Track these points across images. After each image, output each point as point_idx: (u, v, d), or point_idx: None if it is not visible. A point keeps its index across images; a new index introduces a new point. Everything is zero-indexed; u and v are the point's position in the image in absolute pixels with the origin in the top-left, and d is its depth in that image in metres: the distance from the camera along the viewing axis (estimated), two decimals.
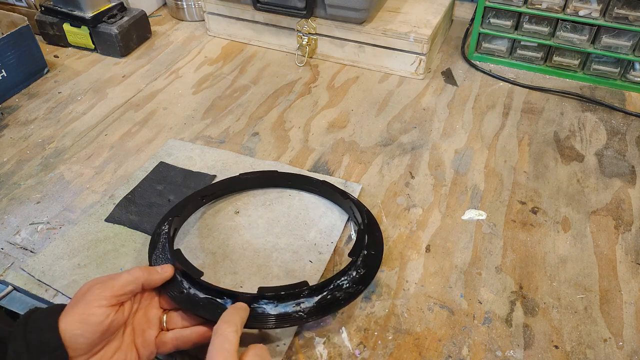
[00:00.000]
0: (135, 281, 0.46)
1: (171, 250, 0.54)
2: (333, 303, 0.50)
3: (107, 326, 0.43)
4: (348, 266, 0.52)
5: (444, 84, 0.89)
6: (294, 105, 0.84)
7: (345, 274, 0.52)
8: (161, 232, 0.57)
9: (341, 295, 0.51)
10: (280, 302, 0.49)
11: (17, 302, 0.58)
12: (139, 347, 0.47)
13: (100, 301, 0.43)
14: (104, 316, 0.43)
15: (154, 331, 0.48)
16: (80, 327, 0.42)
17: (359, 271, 0.53)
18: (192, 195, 0.63)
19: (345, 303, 0.51)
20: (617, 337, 0.51)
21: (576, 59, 0.87)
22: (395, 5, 0.96)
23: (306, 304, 0.49)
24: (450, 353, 0.50)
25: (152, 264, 0.53)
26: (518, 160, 0.73)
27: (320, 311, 0.49)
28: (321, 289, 0.50)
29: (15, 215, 0.65)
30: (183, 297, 0.49)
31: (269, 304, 0.49)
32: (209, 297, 0.49)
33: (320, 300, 0.50)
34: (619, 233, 0.62)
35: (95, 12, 0.94)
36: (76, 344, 0.41)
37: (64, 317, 0.42)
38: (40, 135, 0.78)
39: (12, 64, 0.85)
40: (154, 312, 0.49)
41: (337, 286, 0.51)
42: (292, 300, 0.49)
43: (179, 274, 0.51)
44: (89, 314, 0.42)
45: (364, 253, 0.55)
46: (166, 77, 0.91)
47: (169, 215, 0.60)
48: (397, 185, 0.69)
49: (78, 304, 0.43)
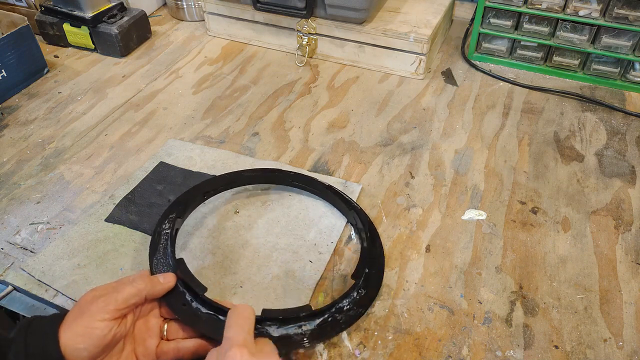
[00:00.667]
0: (139, 294, 0.46)
1: (173, 257, 0.53)
2: (334, 326, 0.50)
3: (110, 339, 0.43)
4: (351, 288, 0.52)
5: (444, 84, 0.89)
6: (294, 105, 0.84)
7: (348, 296, 0.52)
8: (162, 232, 0.57)
9: (342, 318, 0.50)
10: (283, 324, 0.48)
11: (17, 302, 0.58)
12: (139, 356, 0.47)
13: (104, 315, 0.43)
14: (107, 330, 0.42)
15: (155, 340, 0.48)
16: (83, 341, 0.41)
17: (360, 291, 0.53)
18: (192, 190, 0.62)
19: (345, 326, 0.50)
20: (617, 337, 0.51)
21: (576, 59, 0.87)
22: (395, 5, 0.96)
23: (308, 327, 0.49)
24: (450, 353, 0.50)
25: (153, 268, 0.53)
26: (518, 160, 0.73)
27: (322, 334, 0.49)
28: (323, 311, 0.50)
29: (15, 215, 0.65)
30: (185, 310, 0.49)
31: (272, 325, 0.48)
32: (211, 314, 0.48)
33: (321, 323, 0.49)
34: (619, 233, 0.62)
35: (95, 12, 0.94)
36: (79, 357, 0.41)
37: (65, 329, 0.42)
38: (40, 135, 0.78)
39: (12, 64, 0.85)
40: (155, 321, 0.49)
41: (339, 309, 0.51)
42: (295, 323, 0.49)
43: (181, 285, 0.50)
44: (93, 327, 0.42)
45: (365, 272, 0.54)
46: (166, 77, 0.91)
47: (169, 213, 0.59)
48: (397, 185, 0.69)
49: (81, 316, 0.42)
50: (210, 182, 0.64)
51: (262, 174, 0.66)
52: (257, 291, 0.55)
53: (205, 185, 0.63)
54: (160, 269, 0.53)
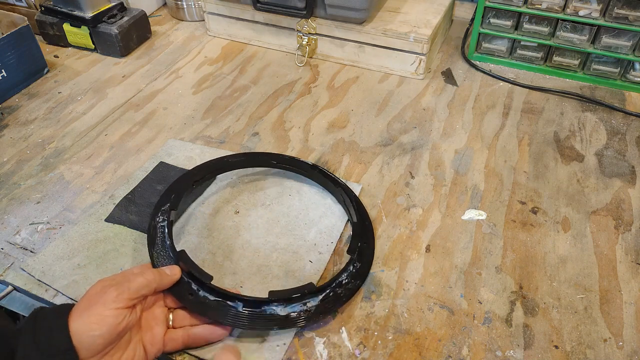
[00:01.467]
0: (149, 285, 0.47)
1: (174, 250, 0.54)
2: (336, 300, 0.52)
3: (123, 327, 0.43)
4: (348, 263, 0.55)
5: (444, 84, 0.89)
6: (294, 105, 0.84)
7: (345, 271, 0.54)
8: (157, 225, 0.57)
9: (342, 291, 0.53)
10: (289, 303, 0.50)
11: (17, 302, 0.58)
12: (147, 345, 0.47)
13: (117, 303, 0.43)
14: (121, 317, 0.43)
15: (162, 329, 0.49)
16: (99, 327, 0.42)
17: (355, 265, 0.55)
18: (180, 180, 0.63)
19: (346, 299, 0.53)
20: (617, 337, 0.51)
21: (576, 59, 0.87)
22: (395, 5, 0.96)
23: (312, 303, 0.51)
24: (450, 353, 0.50)
25: (154, 261, 0.53)
26: (518, 160, 0.73)
27: (326, 309, 0.51)
28: (325, 287, 0.52)
29: (15, 215, 0.65)
30: (192, 300, 0.50)
31: (278, 306, 0.50)
32: (220, 300, 0.50)
33: (324, 299, 0.52)
34: (619, 233, 0.62)
35: (95, 12, 0.94)
36: (93, 344, 0.41)
37: (75, 318, 0.42)
38: (40, 135, 0.78)
39: (12, 64, 0.85)
40: (160, 310, 0.50)
41: (339, 283, 0.53)
42: (300, 301, 0.51)
43: (186, 276, 0.51)
44: (106, 315, 0.42)
45: (358, 246, 0.57)
46: (166, 77, 0.91)
47: (161, 205, 0.59)
48: (397, 185, 0.69)
49: (94, 305, 0.43)
50: (196, 170, 0.65)
51: (246, 157, 0.68)
52: (257, 291, 0.55)
53: (193, 175, 0.64)
54: (162, 262, 0.53)
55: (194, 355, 0.49)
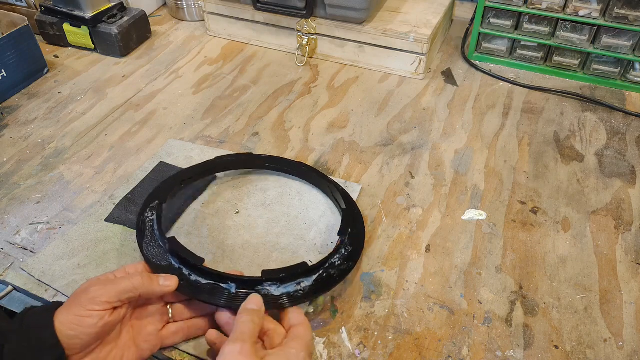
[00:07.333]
0: (134, 290, 0.45)
1: (164, 237, 0.54)
2: (329, 280, 0.53)
3: (100, 328, 0.43)
4: (338, 245, 0.55)
5: (444, 84, 0.89)
6: (294, 105, 0.84)
7: (337, 252, 0.55)
8: (146, 220, 0.58)
9: (335, 272, 0.53)
10: (283, 283, 0.51)
11: (17, 302, 0.58)
12: (140, 343, 0.47)
13: (94, 305, 0.43)
14: (98, 319, 0.43)
15: (156, 326, 0.48)
16: (75, 328, 0.42)
17: (347, 248, 0.56)
18: (169, 180, 0.63)
19: (340, 279, 0.53)
20: (617, 337, 0.51)
21: (576, 59, 0.87)
22: (395, 5, 0.96)
23: (306, 283, 0.52)
24: (450, 353, 0.50)
25: (144, 251, 0.53)
26: (518, 160, 0.73)
27: (319, 289, 0.52)
28: (318, 267, 0.53)
29: (15, 215, 0.65)
30: (184, 285, 0.50)
31: (272, 285, 0.51)
32: (212, 283, 0.50)
33: (317, 279, 0.52)
34: (619, 233, 0.62)
35: (95, 12, 0.94)
36: (71, 344, 0.42)
37: (59, 315, 0.42)
38: (40, 135, 0.78)
39: (12, 64, 0.85)
40: (154, 307, 0.49)
41: (331, 264, 0.54)
42: (293, 281, 0.51)
43: (177, 262, 0.52)
44: (82, 316, 0.42)
45: (349, 231, 0.57)
46: (166, 77, 0.91)
47: (149, 202, 0.60)
48: (397, 185, 0.69)
49: (74, 304, 0.43)
50: (185, 171, 0.65)
51: (236, 159, 0.68)
52: None
53: (182, 175, 0.64)
54: (152, 252, 0.53)
55: (194, 355, 0.49)
